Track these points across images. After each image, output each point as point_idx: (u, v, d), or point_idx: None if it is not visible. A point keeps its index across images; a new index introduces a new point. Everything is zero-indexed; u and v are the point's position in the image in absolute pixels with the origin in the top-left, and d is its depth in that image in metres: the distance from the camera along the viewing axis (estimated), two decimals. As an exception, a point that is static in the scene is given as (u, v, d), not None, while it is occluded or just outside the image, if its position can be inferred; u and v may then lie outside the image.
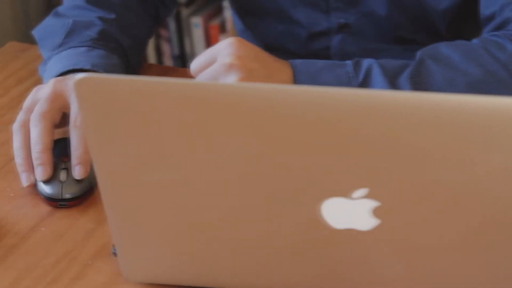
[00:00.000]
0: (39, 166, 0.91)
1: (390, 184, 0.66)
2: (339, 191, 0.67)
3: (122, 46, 1.08)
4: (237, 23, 1.33)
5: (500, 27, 1.04)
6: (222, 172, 0.68)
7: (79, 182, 0.91)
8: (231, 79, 0.90)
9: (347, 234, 0.70)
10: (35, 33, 1.12)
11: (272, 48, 1.16)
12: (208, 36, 2.34)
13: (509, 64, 0.96)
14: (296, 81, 0.96)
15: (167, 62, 2.37)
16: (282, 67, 0.96)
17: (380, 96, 0.64)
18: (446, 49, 0.98)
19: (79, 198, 0.91)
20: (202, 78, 0.91)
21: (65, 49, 1.05)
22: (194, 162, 0.68)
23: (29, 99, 0.97)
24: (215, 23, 2.33)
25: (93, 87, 0.62)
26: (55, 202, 0.91)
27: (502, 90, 0.95)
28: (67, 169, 0.92)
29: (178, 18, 2.31)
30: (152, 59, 2.35)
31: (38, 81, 1.10)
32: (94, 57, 1.02)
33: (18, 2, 2.79)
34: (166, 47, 2.36)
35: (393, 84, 0.96)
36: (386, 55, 1.04)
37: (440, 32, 1.17)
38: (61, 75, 1.00)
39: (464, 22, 1.17)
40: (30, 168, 0.92)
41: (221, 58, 0.92)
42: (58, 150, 0.93)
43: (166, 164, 0.68)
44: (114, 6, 1.12)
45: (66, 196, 0.91)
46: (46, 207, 0.90)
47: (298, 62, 0.97)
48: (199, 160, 0.68)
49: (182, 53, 2.36)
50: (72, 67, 1.00)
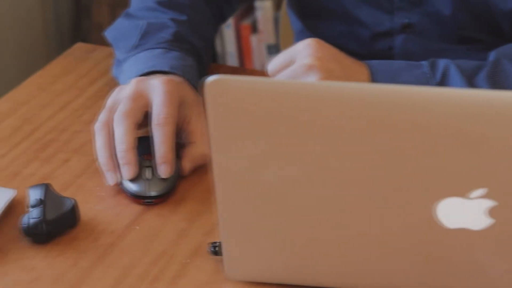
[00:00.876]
0: (125, 165, 0.93)
1: (509, 183, 0.68)
2: (457, 191, 0.69)
3: (195, 47, 1.09)
4: (295, 24, 1.34)
5: None
6: (337, 172, 0.70)
7: (164, 180, 0.93)
8: (311, 80, 0.91)
9: (459, 233, 0.72)
10: (108, 34, 1.13)
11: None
12: (239, 36, 2.35)
13: None
14: (374, 81, 0.97)
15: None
16: (359, 68, 0.98)
17: (498, 96, 0.66)
18: None
19: (164, 196, 0.92)
20: (280, 79, 0.93)
21: (141, 51, 1.06)
22: (311, 162, 0.69)
23: (111, 99, 0.99)
24: (247, 23, 2.34)
25: (223, 88, 0.64)
26: (141, 200, 0.92)
27: None
28: (151, 167, 0.93)
29: (209, 19, 2.32)
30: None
31: (111, 81, 1.12)
32: (171, 59, 1.04)
33: (49, 2, 2.80)
34: (198, 48, 2.37)
35: (471, 83, 0.97)
36: (449, 55, 1.05)
37: (504, 32, 1.18)
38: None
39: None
40: (115, 167, 0.93)
41: (300, 59, 0.94)
42: (141, 149, 0.95)
43: (284, 163, 0.69)
44: (184, 7, 1.13)
45: (152, 194, 0.92)
46: (137, 206, 0.92)
47: (375, 62, 0.99)
48: (316, 160, 0.69)
49: (213, 53, 2.37)
50: (150, 69, 1.02)
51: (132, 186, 0.92)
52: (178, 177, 0.95)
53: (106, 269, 0.83)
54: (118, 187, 0.94)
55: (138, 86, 0.98)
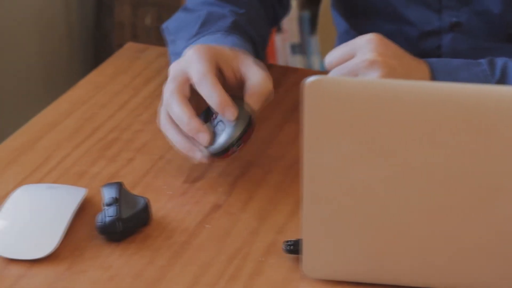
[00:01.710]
0: (197, 134, 0.93)
1: None
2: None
3: (252, 38, 1.10)
4: (339, 25, 1.35)
5: None
6: (425, 172, 0.71)
7: (237, 122, 0.93)
8: (372, 76, 0.92)
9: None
10: (168, 25, 1.14)
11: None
12: (264, 35, 2.35)
13: None
14: (434, 79, 0.98)
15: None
16: (419, 65, 0.98)
17: None
18: None
19: (247, 133, 0.94)
20: (339, 72, 0.93)
21: (200, 37, 1.06)
22: (400, 162, 0.70)
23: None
24: (271, 23, 2.34)
25: (322, 88, 0.65)
26: (231, 150, 0.93)
27: None
28: (220, 121, 0.94)
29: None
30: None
31: (166, 80, 1.12)
32: (231, 41, 1.04)
33: (73, 2, 2.81)
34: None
35: None
36: (497, 54, 1.06)
37: None
38: None
39: None
40: (193, 146, 0.94)
41: (361, 54, 0.94)
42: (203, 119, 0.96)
43: (374, 162, 0.70)
44: (242, 2, 1.14)
45: (235, 138, 0.93)
46: (205, 205, 0.93)
47: (434, 60, 0.99)
48: (405, 160, 0.70)
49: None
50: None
51: (217, 146, 0.93)
52: (250, 117, 0.94)
53: (183, 267, 0.84)
54: (187, 186, 0.95)
55: (175, 65, 0.98)
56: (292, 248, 0.84)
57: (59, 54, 2.81)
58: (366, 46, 0.94)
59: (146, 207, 0.89)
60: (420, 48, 1.24)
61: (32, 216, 0.87)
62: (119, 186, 0.89)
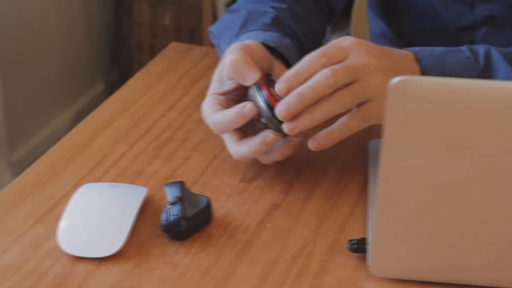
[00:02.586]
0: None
1: None
2: None
3: (294, 32, 1.10)
4: (374, 24, 1.35)
5: None
6: (505, 174, 0.71)
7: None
8: (374, 80, 0.92)
9: None
10: (212, 29, 1.15)
11: (413, 45, 1.18)
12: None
13: None
14: (423, 68, 0.97)
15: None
16: (406, 56, 0.98)
17: None
18: None
19: None
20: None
21: (240, 36, 1.07)
22: (481, 165, 0.71)
23: None
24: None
25: (407, 89, 0.66)
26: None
27: None
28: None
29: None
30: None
31: (213, 79, 1.13)
32: (267, 36, 1.05)
33: (93, 2, 2.82)
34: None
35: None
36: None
37: None
38: None
39: None
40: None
41: (353, 59, 0.93)
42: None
43: (454, 164, 0.71)
44: None
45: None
46: (264, 204, 0.93)
47: (418, 49, 0.99)
48: (486, 163, 0.71)
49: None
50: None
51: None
52: None
53: (249, 265, 0.85)
54: (245, 185, 0.96)
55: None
56: (356, 247, 0.85)
57: (79, 54, 2.82)
58: (355, 52, 0.93)
59: (209, 206, 0.90)
60: (455, 43, 1.24)
61: (97, 214, 0.87)
62: (182, 185, 0.90)
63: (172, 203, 0.88)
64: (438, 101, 0.67)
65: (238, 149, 0.95)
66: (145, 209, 0.91)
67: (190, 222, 0.87)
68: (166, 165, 0.99)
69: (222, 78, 0.98)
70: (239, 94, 0.98)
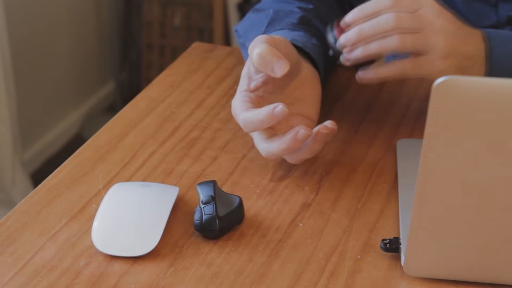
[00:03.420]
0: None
1: None
2: None
3: (321, 32, 1.11)
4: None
5: None
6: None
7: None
8: (436, 40, 0.97)
9: None
10: (238, 28, 1.15)
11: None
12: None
13: None
14: (490, 46, 1.00)
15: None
16: (474, 33, 1.02)
17: None
18: None
19: None
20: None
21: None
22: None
23: None
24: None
25: (452, 89, 0.66)
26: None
27: None
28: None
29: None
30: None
31: (238, 78, 1.13)
32: (294, 35, 1.06)
33: (104, 1, 2.82)
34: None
35: None
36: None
37: None
38: None
39: None
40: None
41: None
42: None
43: (496, 164, 0.71)
44: None
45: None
46: (295, 203, 0.94)
47: (488, 30, 1.03)
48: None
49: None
50: None
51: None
52: None
53: (283, 264, 0.85)
54: (275, 184, 0.96)
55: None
56: (389, 246, 0.86)
57: (89, 54, 2.83)
58: (427, 7, 0.98)
59: (241, 205, 0.90)
60: None
61: (131, 213, 0.88)
62: (214, 184, 0.90)
63: (205, 203, 0.88)
64: (482, 101, 0.67)
65: (268, 146, 0.95)
66: (176, 208, 0.92)
67: (223, 221, 0.87)
68: (195, 164, 1.00)
69: (250, 73, 0.98)
70: (269, 91, 0.98)
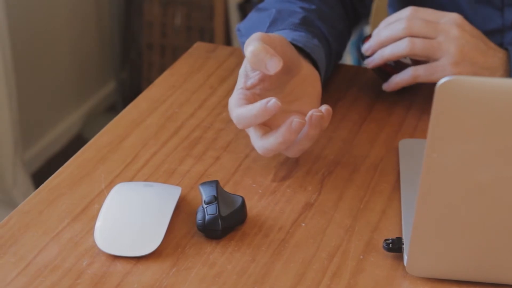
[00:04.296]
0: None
1: None
2: None
3: (322, 32, 1.11)
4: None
5: None
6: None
7: None
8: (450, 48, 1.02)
9: None
10: (241, 27, 1.16)
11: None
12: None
13: None
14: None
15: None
16: (496, 48, 1.06)
17: None
18: None
19: None
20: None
21: None
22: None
23: None
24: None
25: (456, 89, 0.66)
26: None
27: None
28: None
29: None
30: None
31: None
32: (295, 35, 1.06)
33: (104, 2, 2.82)
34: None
35: None
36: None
37: None
38: None
39: None
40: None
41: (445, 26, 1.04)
42: None
43: (500, 164, 0.71)
44: None
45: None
46: (298, 203, 0.94)
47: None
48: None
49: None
50: None
51: None
52: None
53: (285, 264, 0.85)
54: (277, 184, 0.96)
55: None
56: (392, 246, 0.86)
57: (90, 54, 2.83)
58: (449, 18, 1.04)
59: (243, 205, 0.90)
60: None
61: (133, 213, 0.88)
62: (216, 184, 0.90)
63: (207, 203, 0.88)
64: (486, 101, 0.67)
65: (264, 142, 0.94)
66: (179, 208, 0.92)
67: (226, 221, 0.87)
68: (198, 164, 1.00)
69: (247, 71, 0.98)
70: (266, 88, 0.98)
